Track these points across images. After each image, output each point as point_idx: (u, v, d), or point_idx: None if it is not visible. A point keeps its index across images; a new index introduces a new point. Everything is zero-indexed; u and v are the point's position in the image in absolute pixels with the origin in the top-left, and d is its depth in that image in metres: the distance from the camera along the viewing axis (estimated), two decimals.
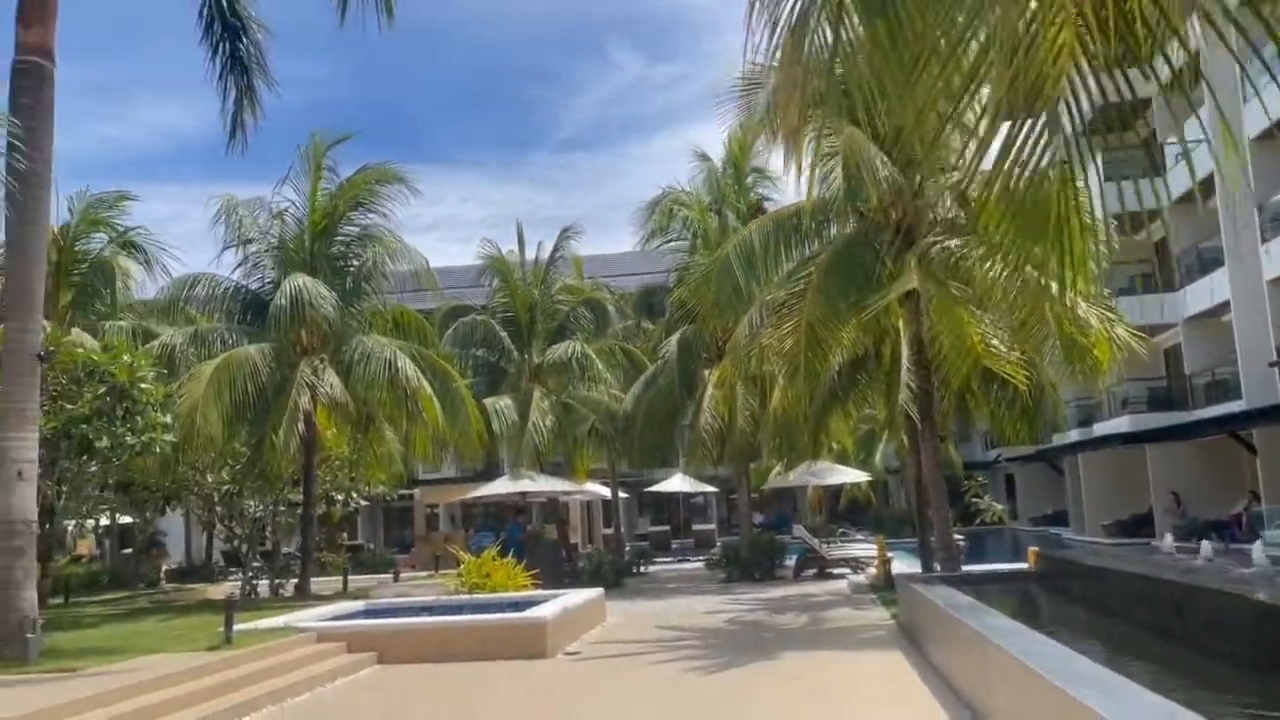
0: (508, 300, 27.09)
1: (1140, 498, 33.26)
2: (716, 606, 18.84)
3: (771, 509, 51.26)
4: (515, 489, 22.72)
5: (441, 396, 20.89)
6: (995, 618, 8.12)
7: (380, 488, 25.90)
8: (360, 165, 21.60)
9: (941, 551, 15.52)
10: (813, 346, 13.87)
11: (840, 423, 21.33)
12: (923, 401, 15.90)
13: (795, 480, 28.40)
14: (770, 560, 24.67)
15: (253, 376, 18.99)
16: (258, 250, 21.76)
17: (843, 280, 14.62)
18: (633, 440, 24.36)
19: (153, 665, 10.93)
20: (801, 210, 15.99)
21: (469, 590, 17.46)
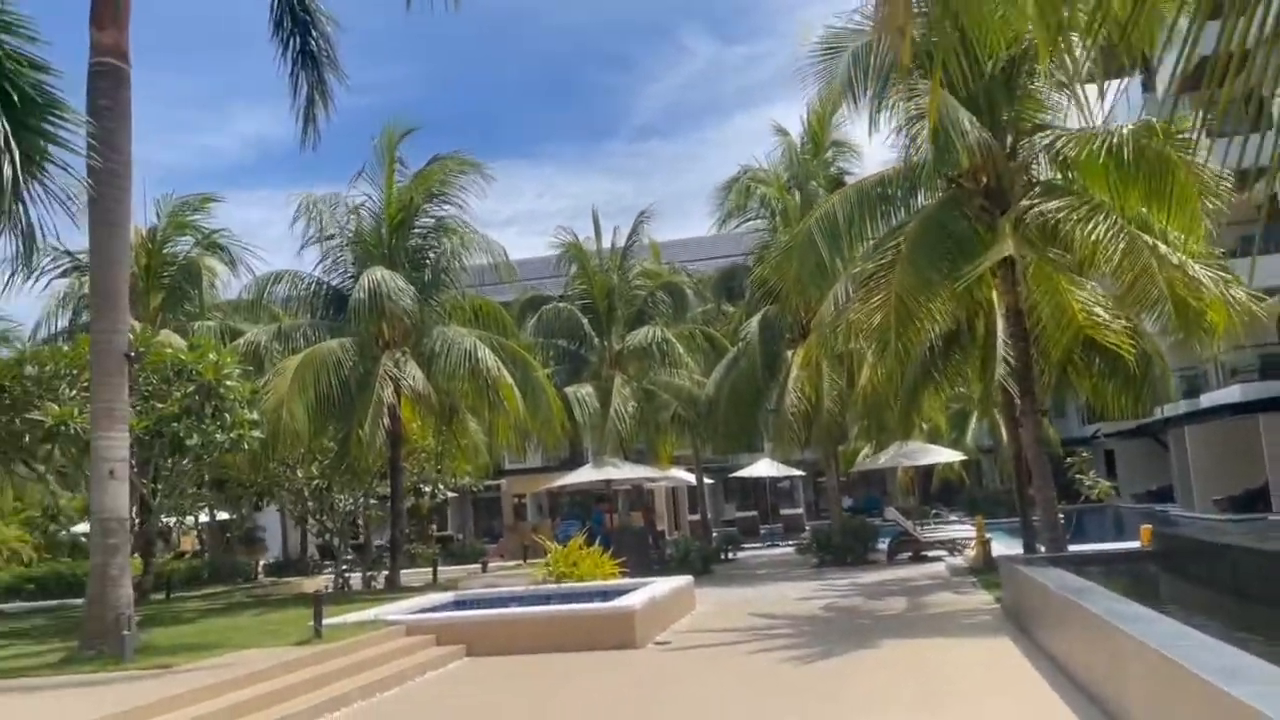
0: (585, 287, 26.86)
1: (1254, 471, 31.56)
2: (809, 593, 18.33)
3: (859, 492, 50.30)
4: (599, 477, 22.49)
5: (522, 386, 20.74)
6: (1121, 603, 7.52)
7: (466, 479, 25.95)
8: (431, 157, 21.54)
9: (1046, 531, 14.76)
10: (903, 320, 13.24)
11: (933, 400, 20.54)
12: (1021, 375, 15.12)
13: (886, 462, 27.62)
14: (863, 544, 24.02)
15: (336, 371, 19.09)
16: (337, 245, 21.89)
17: (933, 250, 13.94)
18: (716, 425, 23.90)
19: (244, 661, 10.92)
20: (886, 179, 15.33)
21: (556, 579, 17.28)
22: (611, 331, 26.73)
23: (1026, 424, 15.02)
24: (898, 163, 15.44)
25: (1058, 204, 13.52)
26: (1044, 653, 9.84)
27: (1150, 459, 41.99)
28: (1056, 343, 16.18)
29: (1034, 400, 14.99)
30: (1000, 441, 43.95)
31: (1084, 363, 17.74)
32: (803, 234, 15.41)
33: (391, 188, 21.57)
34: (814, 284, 15.19)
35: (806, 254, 15.14)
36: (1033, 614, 10.89)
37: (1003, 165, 14.70)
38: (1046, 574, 10.52)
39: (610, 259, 27.45)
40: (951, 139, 13.11)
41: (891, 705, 8.57)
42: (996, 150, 14.42)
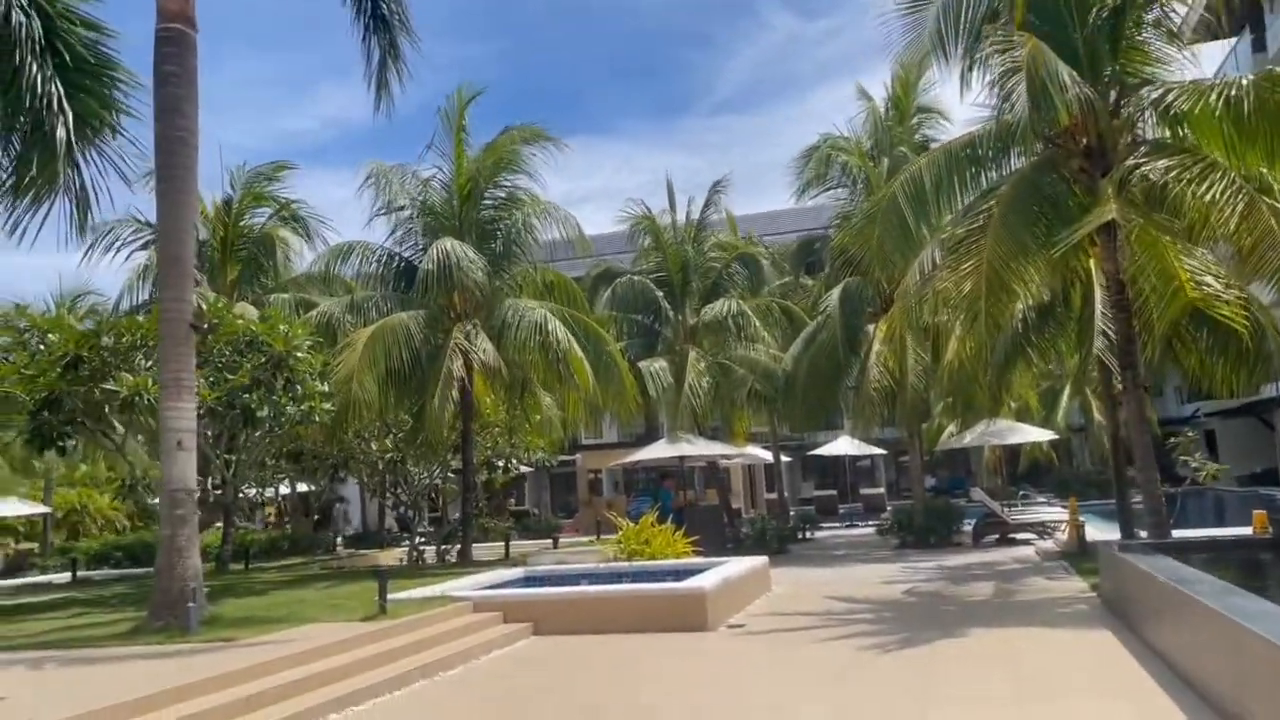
0: (659, 260, 26.22)
1: None
2: (891, 575, 17.60)
3: (943, 472, 48.99)
4: (673, 453, 21.98)
5: (594, 360, 20.32)
6: (1244, 597, 6.73)
7: (540, 453, 25.71)
8: (503, 128, 21.14)
9: (1150, 516, 13.77)
10: (995, 289, 12.36)
11: (1023, 376, 19.51)
12: (1123, 349, 14.10)
13: (971, 441, 26.55)
14: (947, 525, 23.11)
15: (407, 343, 18.91)
16: (408, 216, 21.68)
17: (1028, 214, 13.00)
18: (794, 401, 23.15)
19: (307, 636, 10.72)
20: (976, 139, 14.37)
21: (628, 557, 16.87)
22: (686, 305, 26.08)
23: (1129, 401, 14.00)
24: (989, 122, 14.47)
25: (1167, 163, 12.46)
26: (1151, 649, 9.03)
27: (1254, 439, 39.87)
28: (1162, 315, 15.08)
29: (1136, 375, 13.96)
30: (1092, 420, 42.34)
31: (1190, 336, 16.57)
32: (886, 199, 14.57)
33: (461, 156, 21.24)
34: (898, 252, 14.35)
35: (890, 220, 14.31)
36: (1137, 605, 10.05)
37: (1105, 123, 13.64)
38: (1153, 562, 9.68)
39: (685, 230, 26.77)
40: (1050, 93, 12.13)
41: (984, 703, 7.90)
42: (1099, 106, 13.37)
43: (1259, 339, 16.01)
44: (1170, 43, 13.98)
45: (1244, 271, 12.37)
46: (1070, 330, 17.86)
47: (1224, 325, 15.06)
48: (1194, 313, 15.22)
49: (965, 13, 14.07)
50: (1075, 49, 13.71)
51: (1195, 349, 16.90)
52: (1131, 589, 10.40)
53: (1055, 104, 12.17)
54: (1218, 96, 11.89)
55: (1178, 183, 12.25)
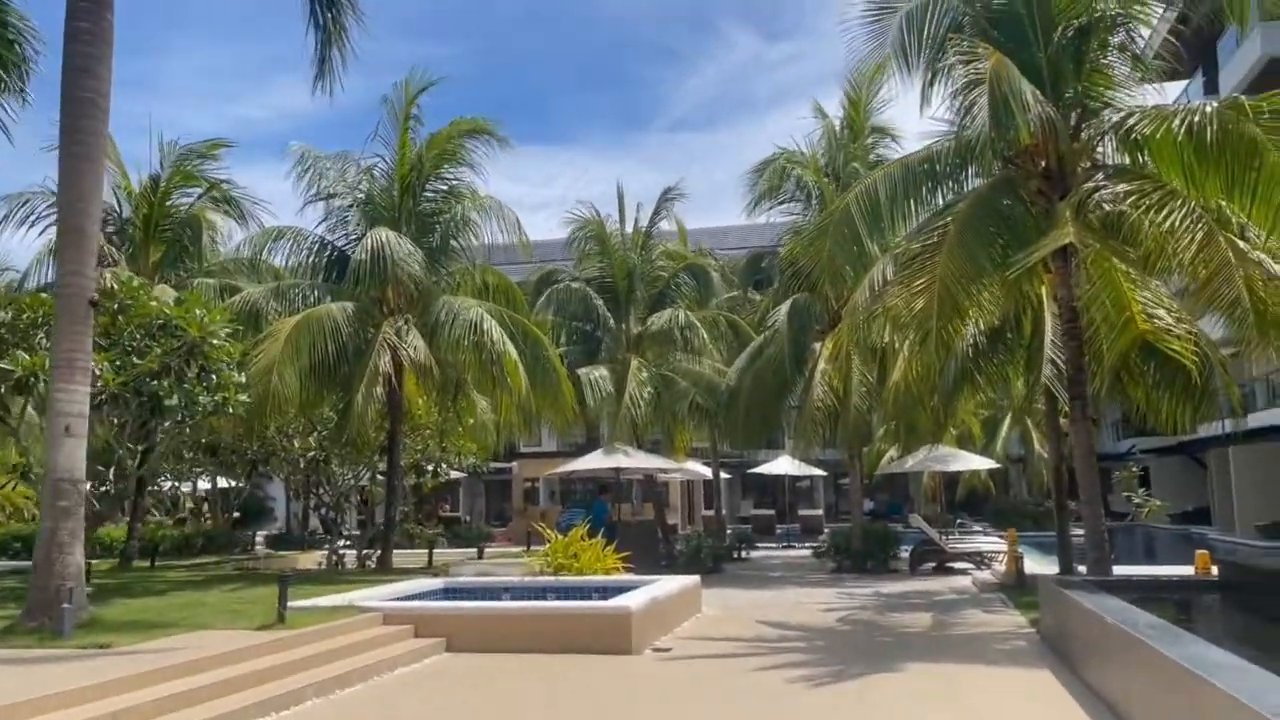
0: (604, 266, 25.44)
1: None
2: (826, 600, 17.07)
3: (882, 495, 48.85)
4: (608, 464, 21.24)
5: (531, 364, 19.54)
6: (1206, 648, 6.21)
7: (471, 459, 24.80)
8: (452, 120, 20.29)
9: (1092, 551, 13.37)
10: (946, 308, 11.87)
11: (969, 402, 19.13)
12: (1073, 378, 13.72)
13: (913, 465, 26.21)
14: (884, 551, 22.69)
15: (334, 336, 17.96)
16: (346, 205, 20.71)
17: (984, 233, 12.56)
18: (736, 417, 22.56)
19: (192, 644, 9.81)
20: (935, 155, 13.93)
21: (554, 571, 16.10)
22: (630, 313, 25.35)
23: (1077, 431, 13.61)
24: (948, 139, 14.04)
25: (1126, 187, 12.10)
26: (1094, 693, 8.52)
27: (1187, 478, 40.28)
28: (1112, 346, 14.77)
29: (1085, 406, 13.58)
30: (1032, 451, 42.48)
31: (1139, 369, 16.30)
32: (839, 211, 14.06)
33: (406, 146, 20.34)
34: (849, 266, 13.83)
35: (842, 233, 13.79)
36: (1080, 645, 9.56)
37: (1065, 145, 13.27)
38: (1099, 601, 9.19)
39: (633, 238, 26.06)
40: (1012, 109, 11.71)
41: None
42: (1060, 127, 13.00)
43: (1206, 376, 15.78)
44: (1135, 68, 13.69)
45: (1198, 303, 12.03)
46: (1019, 357, 17.52)
47: (1173, 360, 14.78)
48: (1144, 345, 14.93)
49: (929, 24, 13.64)
50: (1038, 68, 13.35)
51: (1143, 382, 16.64)
52: (1075, 628, 9.92)
53: (1017, 121, 11.75)
54: (1180, 122, 11.56)
55: (1136, 209, 11.88)
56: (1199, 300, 11.88)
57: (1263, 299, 11.25)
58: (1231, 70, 29.01)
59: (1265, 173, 11.34)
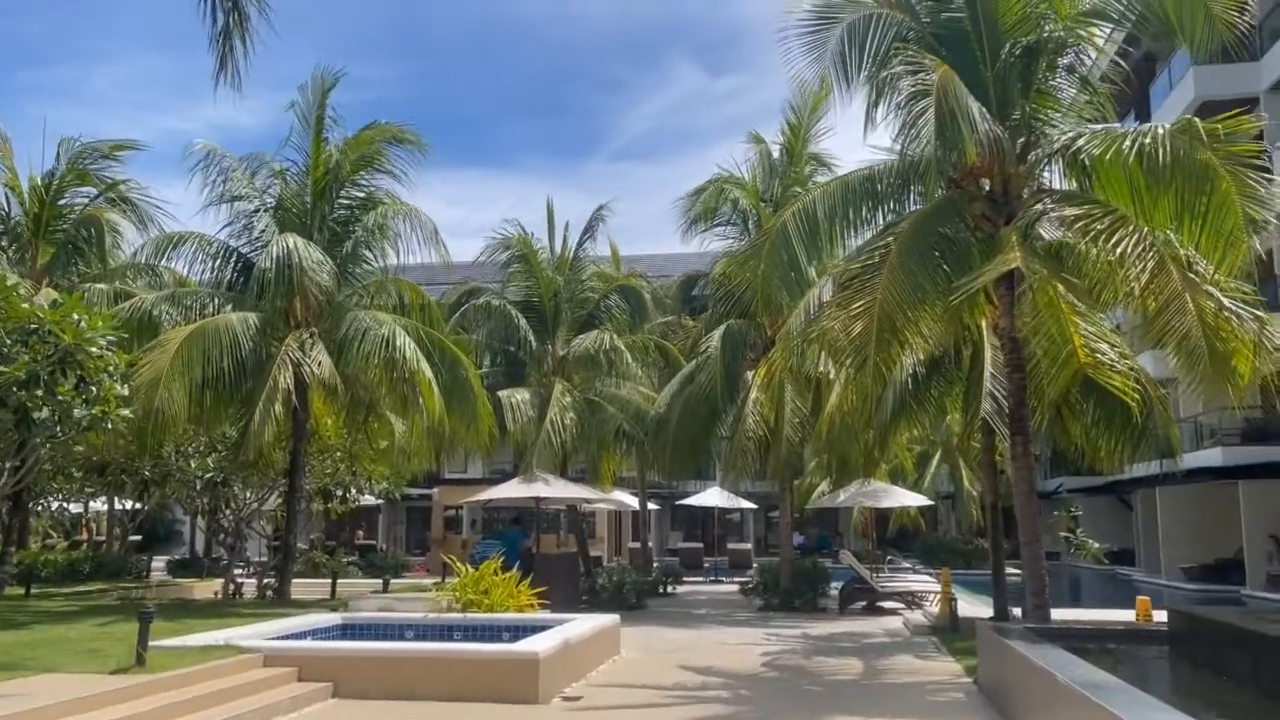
0: (530, 285, 24.32)
1: (1227, 539, 29.96)
2: (752, 641, 16.14)
3: (813, 530, 48.29)
4: (526, 493, 20.10)
5: (448, 384, 18.43)
6: (1166, 713, 5.40)
7: (383, 484, 23.43)
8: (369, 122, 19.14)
9: (1032, 596, 12.66)
10: (886, 333, 11.10)
11: (903, 436, 18.47)
12: (1015, 412, 13.06)
13: (845, 500, 25.54)
14: (813, 589, 21.86)
15: (232, 349, 16.65)
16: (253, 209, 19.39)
17: (927, 256, 11.85)
18: (664, 446, 21.61)
19: (30, 691, 8.51)
20: (876, 173, 13.26)
21: (463, 608, 14.92)
22: (557, 335, 24.26)
23: (1018, 469, 12.93)
24: (891, 158, 13.40)
25: (1075, 211, 11.52)
26: None
27: (1114, 519, 40.41)
28: (1053, 380, 14.18)
29: (1028, 442, 12.92)
30: (961, 488, 42.27)
31: (1079, 406, 15.80)
32: (775, 230, 13.28)
33: (319, 149, 19.15)
34: (784, 288, 13.04)
35: (778, 252, 13.00)
36: (1024, 700, 8.75)
37: (1011, 167, 12.68)
38: (1047, 655, 8.39)
39: (561, 257, 25.02)
40: (959, 125, 11.06)
41: None
42: (1007, 148, 12.41)
43: (1146, 414, 15.32)
44: (1083, 90, 13.19)
45: (1149, 337, 11.43)
46: (957, 390, 16.92)
47: (1113, 397, 14.24)
48: (1085, 381, 14.38)
49: (871, 37, 12.99)
50: (985, 87, 12.77)
51: (1082, 419, 16.14)
52: (1018, 681, 9.11)
53: (963, 136, 11.09)
54: (1131, 144, 11.00)
55: (1084, 235, 11.28)
56: (1149, 333, 11.30)
57: (1214, 330, 10.66)
58: (1164, 112, 29.21)
59: (1216, 200, 10.84)
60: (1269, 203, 10.67)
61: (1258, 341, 11.38)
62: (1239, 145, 10.70)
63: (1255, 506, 27.99)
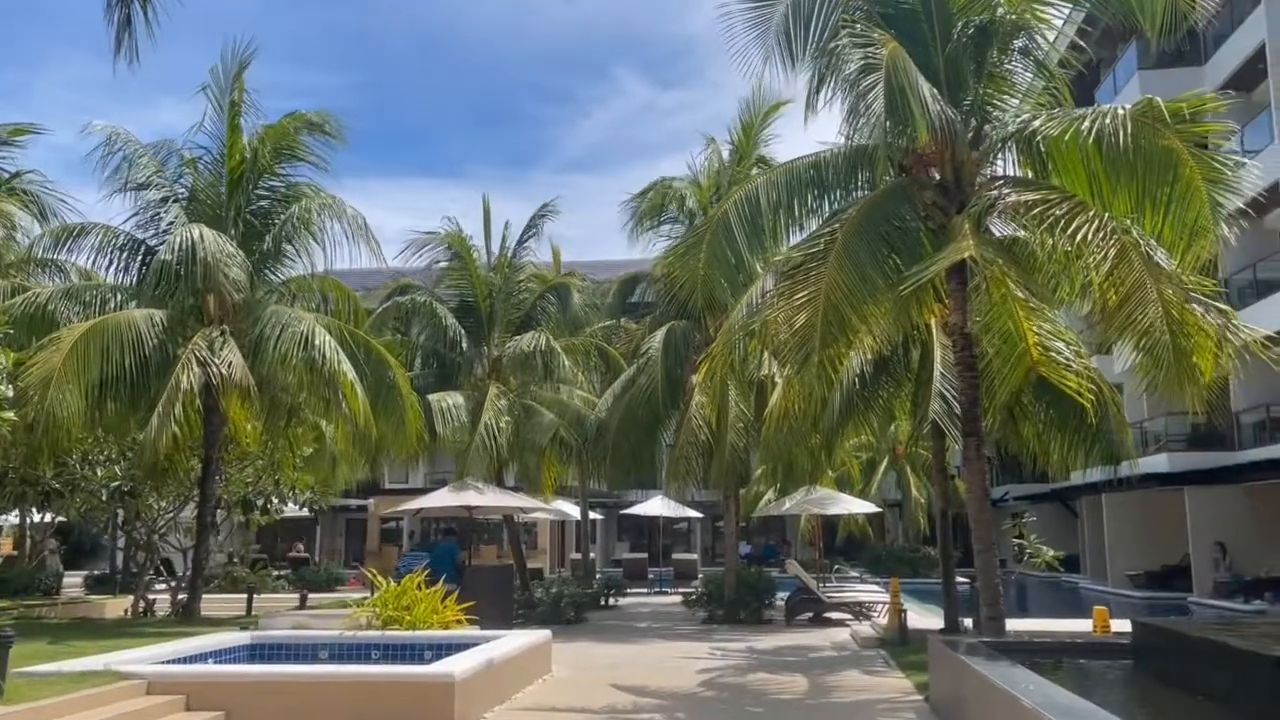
0: (465, 285, 23.19)
1: (1173, 546, 29.78)
2: (692, 656, 15.28)
3: (760, 539, 47.63)
4: (456, 502, 19.04)
5: (374, 386, 17.34)
6: None
7: (308, 493, 22.18)
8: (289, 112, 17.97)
9: (986, 607, 11.93)
10: (832, 326, 10.29)
11: (850, 441, 17.73)
12: (968, 412, 12.35)
13: (791, 508, 24.83)
14: (759, 600, 21.07)
15: (134, 347, 15.41)
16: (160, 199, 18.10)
17: (876, 246, 11.09)
18: (603, 453, 20.67)
19: None
20: (822, 160, 12.50)
21: (383, 625, 13.86)
22: (492, 337, 23.14)
23: (971, 472, 12.21)
24: (838, 144, 12.66)
25: (1032, 196, 10.83)
26: None
27: (1059, 526, 40.19)
28: (1005, 380, 13.54)
29: (980, 443, 12.22)
30: (909, 495, 41.90)
31: (1032, 407, 15.19)
32: (716, 220, 12.47)
33: (235, 136, 17.95)
34: (726, 281, 12.23)
35: (719, 243, 12.20)
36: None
37: (964, 154, 11.99)
38: (1006, 673, 7.64)
39: (501, 257, 23.95)
40: (909, 103, 10.34)
41: None
42: (959, 132, 11.72)
43: (1101, 417, 14.75)
44: (1039, 74, 12.56)
45: (1109, 330, 10.76)
46: (906, 392, 16.24)
47: (1067, 399, 13.67)
48: (1038, 382, 13.77)
49: (817, 14, 12.24)
50: (936, 70, 12.07)
51: (1034, 422, 15.55)
52: (974, 700, 8.34)
53: (914, 114, 10.37)
54: (1090, 124, 10.34)
55: (1040, 222, 10.58)
56: (1109, 327, 10.64)
57: (1179, 323, 10.02)
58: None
59: (1180, 187, 10.24)
60: (1236, 186, 10.09)
61: (1221, 337, 10.75)
62: (1203, 125, 10.11)
63: (1201, 513, 27.81)
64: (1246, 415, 27.26)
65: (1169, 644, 8.78)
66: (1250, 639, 7.68)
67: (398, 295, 22.72)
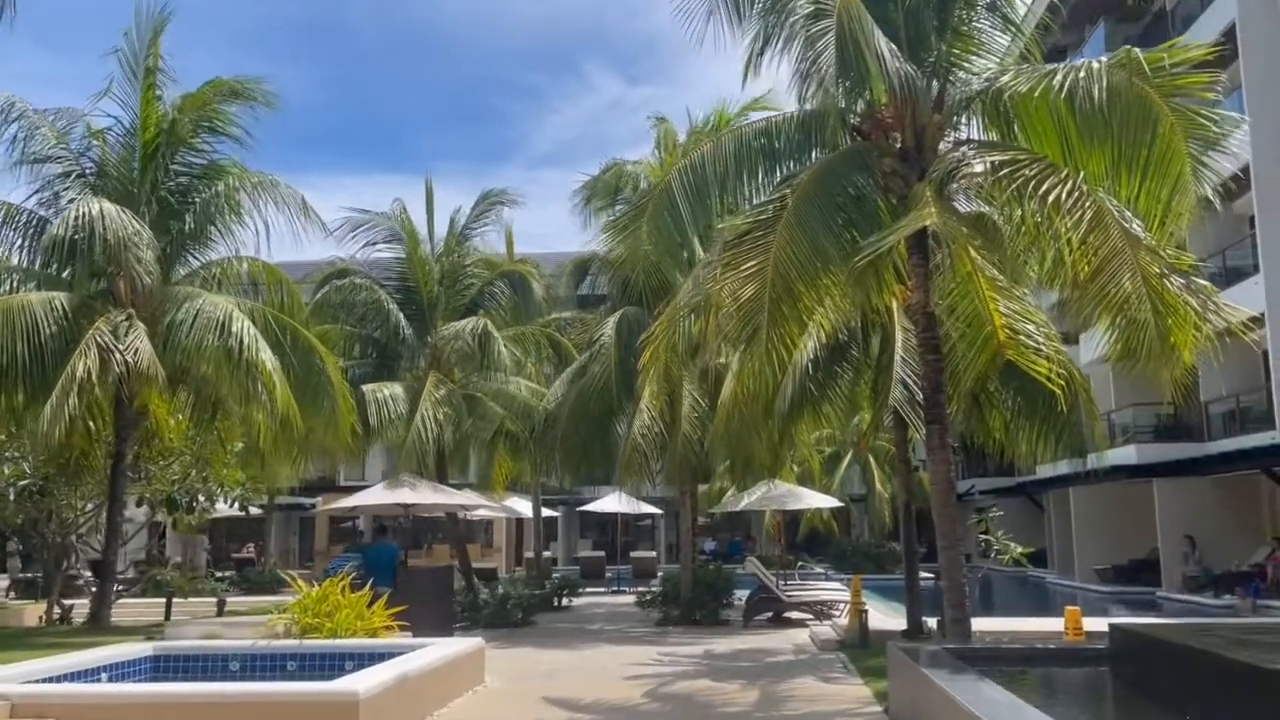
0: (406, 268, 21.91)
1: (1141, 539, 29.17)
2: (640, 663, 14.27)
3: (725, 535, 46.77)
4: (391, 499, 17.86)
5: (302, 376, 16.17)
6: None
7: (238, 491, 20.90)
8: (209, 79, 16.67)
9: (951, 609, 10.99)
10: (780, 299, 9.28)
11: (809, 430, 16.76)
12: (930, 398, 11.40)
13: (750, 504, 23.87)
14: (716, 599, 20.09)
15: (30, 334, 14.13)
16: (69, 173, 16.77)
17: (829, 214, 10.09)
18: (552, 446, 19.55)
19: None
20: (772, 126, 11.51)
21: (302, 633, 12.72)
22: (435, 325, 21.85)
23: (935, 462, 11.24)
24: (789, 110, 11.69)
25: (1000, 158, 9.87)
26: None
27: (1025, 520, 39.59)
28: (970, 365, 12.67)
29: (944, 431, 11.26)
30: (873, 490, 41.17)
31: (998, 395, 14.32)
32: (660, 190, 11.44)
33: (150, 106, 16.64)
34: (669, 256, 11.23)
35: (661, 216, 11.16)
36: None
37: (925, 117, 11.04)
38: (973, 690, 6.69)
39: (448, 240, 22.65)
40: (864, 57, 9.36)
41: None
42: (920, 92, 10.75)
43: (1072, 406, 13.90)
44: (1007, 30, 11.62)
45: (1083, 303, 9.83)
46: (865, 379, 15.30)
47: (1035, 385, 12.82)
48: (1005, 367, 12.90)
49: None
50: (895, 26, 11.10)
51: (1001, 410, 14.67)
52: (937, 716, 7.39)
53: (870, 71, 9.41)
54: (1063, 79, 9.40)
55: (1009, 185, 9.60)
56: (1082, 300, 9.71)
57: (1159, 295, 9.11)
58: None
59: (1159, 147, 9.34)
60: (1222, 142, 9.20)
61: (1201, 314, 9.86)
62: (1186, 77, 9.20)
63: (1170, 506, 27.22)
64: (1216, 405, 26.69)
65: (1149, 651, 7.86)
66: (1246, 649, 6.76)
67: (336, 279, 21.40)
